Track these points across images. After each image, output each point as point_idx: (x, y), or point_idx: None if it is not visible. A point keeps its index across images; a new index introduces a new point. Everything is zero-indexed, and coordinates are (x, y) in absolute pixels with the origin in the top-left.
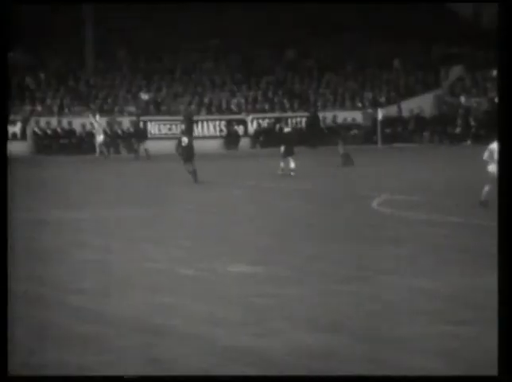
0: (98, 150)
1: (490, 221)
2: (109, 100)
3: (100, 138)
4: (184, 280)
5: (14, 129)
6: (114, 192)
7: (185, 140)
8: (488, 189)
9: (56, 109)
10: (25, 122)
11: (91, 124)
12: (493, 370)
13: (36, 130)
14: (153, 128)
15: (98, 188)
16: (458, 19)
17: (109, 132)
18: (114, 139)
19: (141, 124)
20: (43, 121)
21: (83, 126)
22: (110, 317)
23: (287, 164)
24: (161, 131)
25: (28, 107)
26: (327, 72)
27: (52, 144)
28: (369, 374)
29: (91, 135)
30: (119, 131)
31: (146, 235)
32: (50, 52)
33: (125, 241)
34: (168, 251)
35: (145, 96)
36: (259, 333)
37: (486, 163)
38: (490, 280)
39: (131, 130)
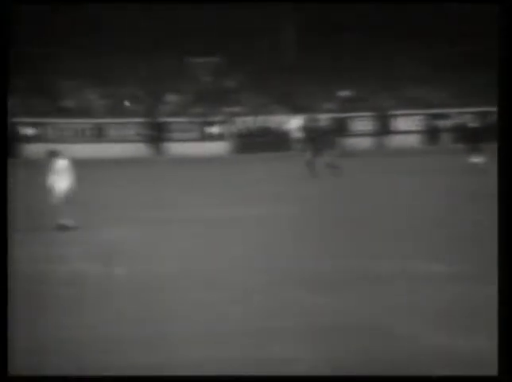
0: (295, 147)
1: None
2: (306, 98)
3: (296, 135)
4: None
5: (213, 130)
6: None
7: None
8: None
9: (252, 109)
10: (223, 123)
11: (288, 122)
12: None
13: (234, 130)
14: (352, 125)
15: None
16: None
17: (307, 129)
18: (313, 136)
19: (340, 121)
20: (240, 121)
21: (280, 124)
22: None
23: (474, 159)
24: (361, 128)
25: (226, 109)
26: None
27: (248, 143)
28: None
29: (287, 133)
30: (317, 128)
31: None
32: (248, 52)
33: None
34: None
35: (343, 93)
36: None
37: None
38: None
39: (330, 127)
